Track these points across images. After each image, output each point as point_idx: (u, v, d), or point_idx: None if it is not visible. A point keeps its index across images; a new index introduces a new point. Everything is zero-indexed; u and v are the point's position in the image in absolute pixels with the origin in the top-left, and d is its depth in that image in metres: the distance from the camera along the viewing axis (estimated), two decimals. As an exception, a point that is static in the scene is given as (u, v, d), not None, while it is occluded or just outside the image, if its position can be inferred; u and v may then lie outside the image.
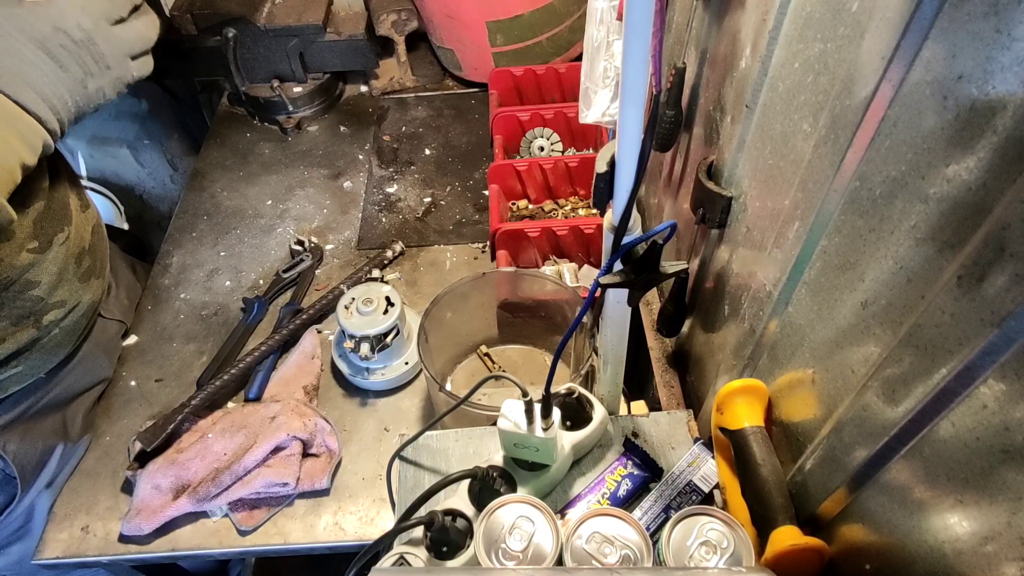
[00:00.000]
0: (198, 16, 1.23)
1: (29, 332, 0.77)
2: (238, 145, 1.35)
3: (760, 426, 0.60)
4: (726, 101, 0.64)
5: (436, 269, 1.13)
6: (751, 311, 0.61)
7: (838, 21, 0.44)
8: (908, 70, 0.36)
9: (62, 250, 0.80)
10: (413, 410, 0.96)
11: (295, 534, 0.85)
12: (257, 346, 0.97)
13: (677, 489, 0.68)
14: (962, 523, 0.37)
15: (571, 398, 0.71)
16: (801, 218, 0.49)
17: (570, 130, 1.22)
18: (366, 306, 0.90)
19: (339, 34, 1.32)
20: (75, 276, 0.83)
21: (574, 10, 1.28)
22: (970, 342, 0.33)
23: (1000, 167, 0.31)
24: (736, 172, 0.64)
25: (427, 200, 1.23)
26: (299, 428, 0.86)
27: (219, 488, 0.83)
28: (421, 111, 1.41)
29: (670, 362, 0.93)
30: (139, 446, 0.89)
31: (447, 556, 0.62)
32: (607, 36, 0.70)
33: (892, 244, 0.39)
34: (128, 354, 1.03)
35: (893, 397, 0.40)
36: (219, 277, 1.13)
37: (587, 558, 0.58)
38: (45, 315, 0.79)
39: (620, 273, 0.53)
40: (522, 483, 0.67)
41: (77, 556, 0.84)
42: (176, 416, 0.89)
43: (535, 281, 0.92)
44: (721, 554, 0.57)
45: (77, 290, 0.83)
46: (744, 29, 0.58)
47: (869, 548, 0.47)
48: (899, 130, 0.38)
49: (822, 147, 0.46)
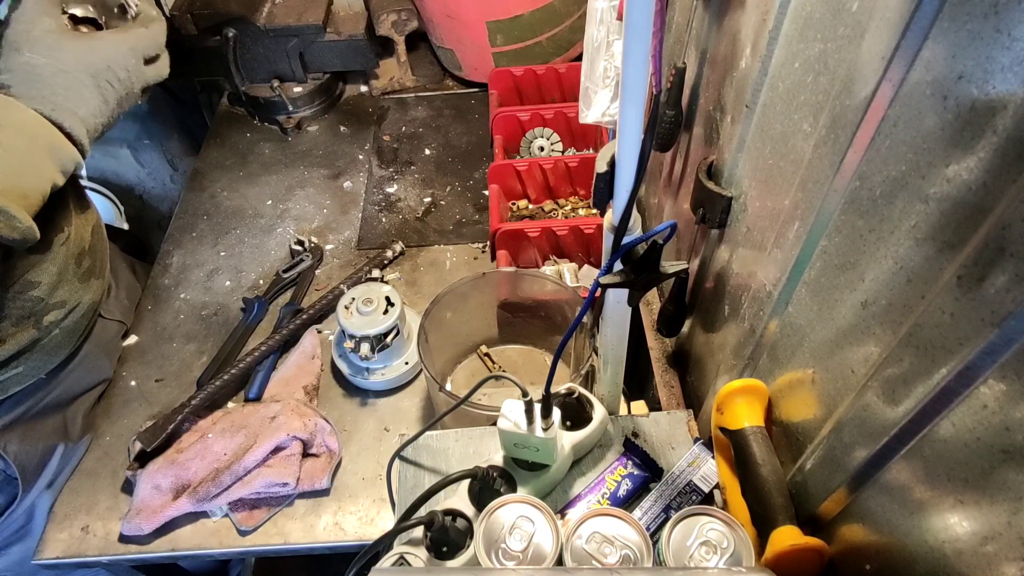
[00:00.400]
0: (198, 16, 1.23)
1: (29, 333, 0.78)
2: (238, 145, 1.35)
3: (760, 426, 0.60)
4: (726, 101, 0.64)
5: (436, 269, 1.13)
6: (751, 311, 0.61)
7: (838, 21, 0.44)
8: (908, 70, 0.36)
9: (62, 251, 0.80)
10: (413, 410, 0.96)
11: (295, 534, 0.85)
12: (257, 346, 0.97)
13: (677, 489, 0.68)
14: (962, 523, 0.37)
15: (571, 398, 0.71)
16: (801, 218, 0.49)
17: (570, 130, 1.22)
18: (366, 306, 0.90)
19: (339, 34, 1.32)
20: (75, 276, 0.83)
21: (574, 10, 1.28)
22: (970, 342, 0.33)
23: (1000, 167, 0.31)
24: (736, 172, 0.64)
25: (427, 200, 1.23)
26: (299, 428, 0.87)
27: (219, 488, 0.83)
28: (421, 111, 1.41)
29: (670, 362, 0.93)
30: (139, 446, 0.89)
31: (447, 556, 0.62)
32: (607, 36, 0.70)
33: (892, 244, 0.39)
34: (128, 354, 1.03)
35: (893, 397, 0.40)
36: (219, 277, 1.13)
37: (587, 558, 0.58)
38: (45, 316, 0.79)
39: (620, 273, 0.53)
40: (522, 483, 0.67)
41: (77, 556, 0.84)
42: (176, 416, 0.89)
43: (535, 281, 0.92)
44: (721, 554, 0.57)
45: (77, 290, 0.83)
46: (744, 29, 0.58)
47: (869, 548, 0.47)
48: (899, 130, 0.38)
49: (822, 147, 0.46)
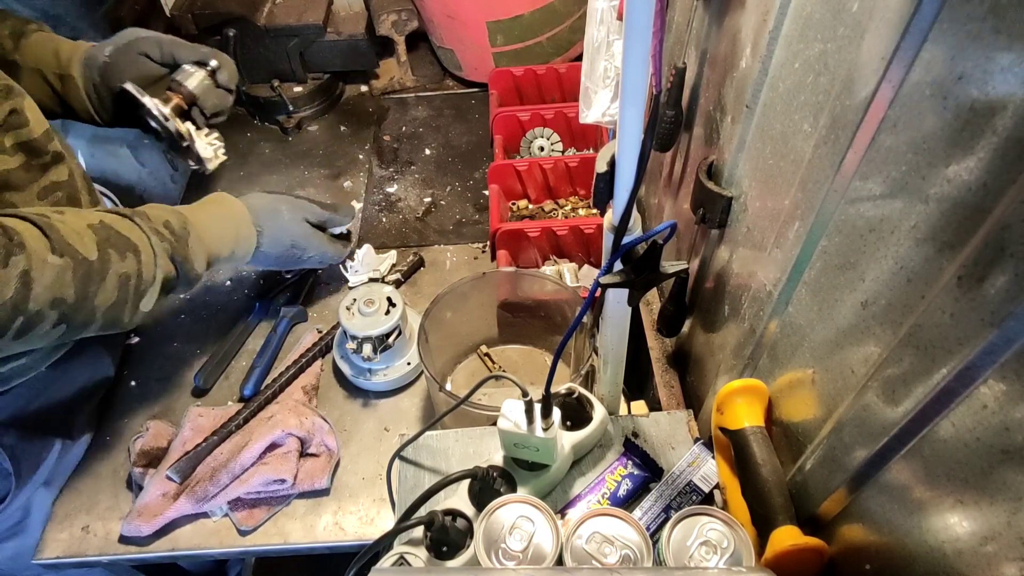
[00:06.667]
0: (198, 16, 1.23)
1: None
2: (238, 145, 1.35)
3: (760, 426, 0.60)
4: (726, 101, 0.64)
5: (436, 269, 1.13)
6: (751, 311, 0.61)
7: (838, 21, 0.44)
8: (908, 70, 0.36)
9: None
10: (413, 410, 0.96)
11: (295, 534, 0.85)
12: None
13: (677, 489, 0.68)
14: (962, 523, 0.37)
15: (571, 398, 0.71)
16: (801, 218, 0.49)
17: (570, 130, 1.22)
18: (368, 307, 0.90)
19: (339, 34, 1.32)
20: None
21: (574, 10, 1.28)
22: (970, 342, 0.33)
23: (1000, 167, 0.31)
24: (736, 172, 0.64)
25: (427, 200, 1.23)
26: (295, 425, 0.87)
27: (217, 487, 0.83)
28: (421, 111, 1.41)
29: (670, 362, 0.93)
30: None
31: (447, 556, 0.62)
32: (607, 36, 0.71)
33: (892, 244, 0.39)
34: (128, 354, 1.03)
35: (893, 397, 0.40)
36: (219, 277, 1.13)
37: (587, 558, 0.58)
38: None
39: (620, 273, 0.53)
40: (522, 483, 0.67)
41: (77, 556, 0.84)
42: (205, 444, 0.88)
43: (535, 281, 0.92)
44: (721, 554, 0.57)
45: None
46: (744, 29, 0.58)
47: (869, 548, 0.47)
48: (899, 130, 0.38)
49: (822, 147, 0.46)
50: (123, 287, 0.71)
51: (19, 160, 0.75)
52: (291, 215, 0.95)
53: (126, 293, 0.71)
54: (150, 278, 0.74)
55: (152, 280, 0.74)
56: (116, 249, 0.70)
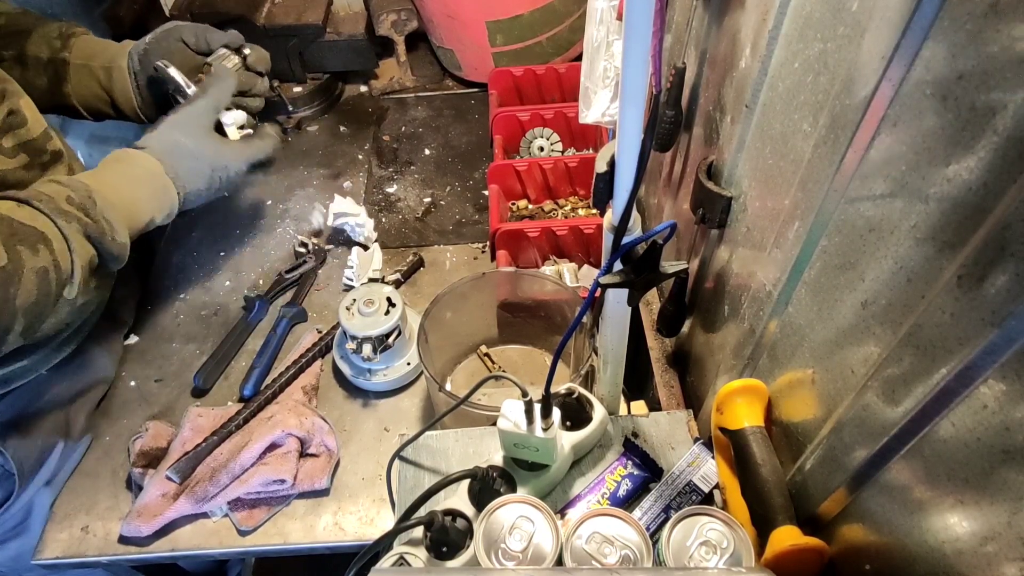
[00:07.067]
0: (197, 16, 1.23)
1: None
2: (238, 145, 1.35)
3: (760, 426, 0.60)
4: (726, 101, 0.64)
5: (436, 269, 1.13)
6: (751, 311, 0.61)
7: (838, 21, 0.44)
8: (908, 70, 0.36)
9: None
10: (413, 410, 0.96)
11: (295, 534, 0.84)
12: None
13: (677, 489, 0.68)
14: (962, 523, 0.37)
15: (571, 398, 0.71)
16: (801, 218, 0.49)
17: (570, 130, 1.22)
18: (368, 307, 0.90)
19: (339, 34, 1.32)
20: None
21: (574, 10, 1.28)
22: (970, 342, 0.33)
23: (1000, 167, 0.31)
24: (736, 172, 0.64)
25: (427, 200, 1.23)
26: (295, 425, 0.86)
27: (217, 488, 0.83)
28: (421, 111, 1.41)
29: (670, 362, 0.93)
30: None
31: (447, 556, 0.62)
32: (607, 36, 0.70)
33: (892, 244, 0.39)
34: (128, 354, 1.03)
35: (893, 397, 0.40)
36: (219, 277, 1.13)
37: (587, 558, 0.58)
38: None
39: (620, 273, 0.53)
40: (522, 483, 0.67)
41: (77, 556, 0.84)
42: (205, 444, 0.88)
43: (535, 281, 0.92)
44: (721, 554, 0.57)
45: (84, 288, 0.83)
46: (744, 29, 0.58)
47: (869, 548, 0.47)
48: (899, 130, 0.38)
49: (822, 147, 0.46)
50: (42, 282, 0.67)
51: (19, 160, 0.75)
52: (194, 141, 0.88)
53: (47, 287, 0.68)
54: (67, 267, 0.70)
55: (71, 268, 0.70)
56: (25, 244, 0.65)
